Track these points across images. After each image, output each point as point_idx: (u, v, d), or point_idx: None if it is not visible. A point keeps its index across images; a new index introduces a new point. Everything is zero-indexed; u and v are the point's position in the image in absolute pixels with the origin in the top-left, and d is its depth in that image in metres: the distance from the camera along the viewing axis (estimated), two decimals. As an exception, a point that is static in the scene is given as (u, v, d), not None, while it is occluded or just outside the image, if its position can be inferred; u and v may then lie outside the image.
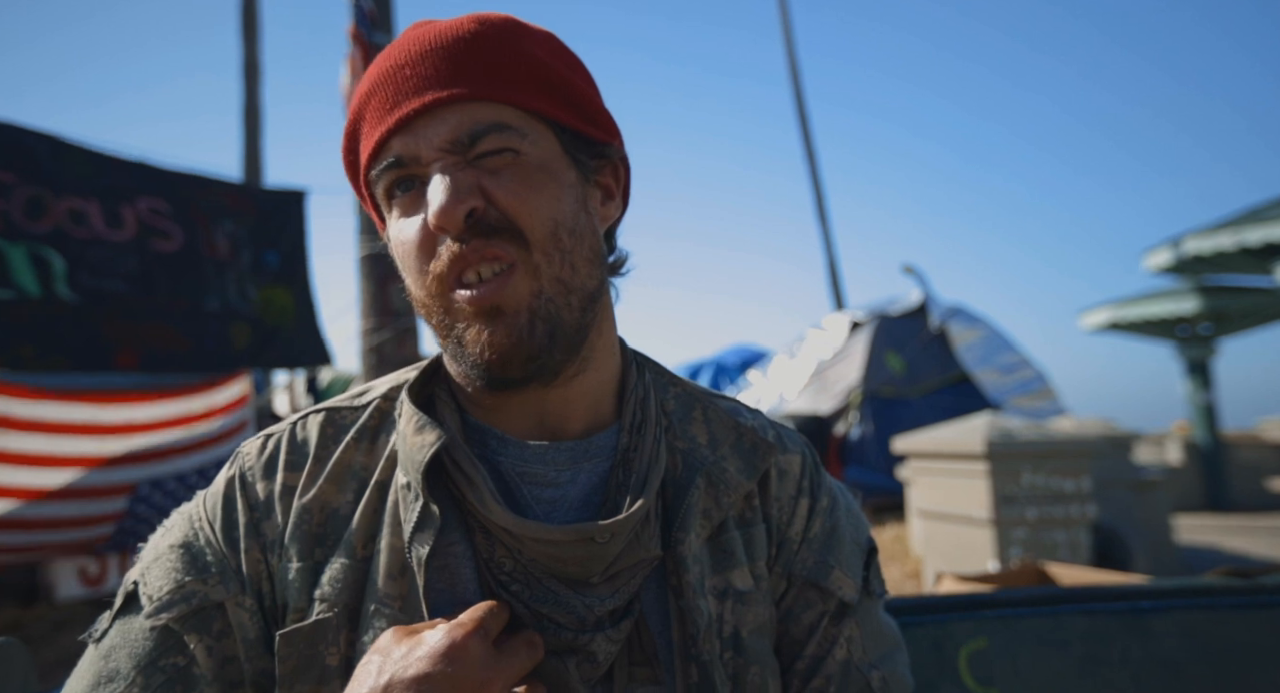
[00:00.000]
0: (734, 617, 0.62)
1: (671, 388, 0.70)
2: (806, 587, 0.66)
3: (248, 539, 0.59)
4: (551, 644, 0.56)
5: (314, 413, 0.65)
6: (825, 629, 0.65)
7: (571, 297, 0.58)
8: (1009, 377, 7.88)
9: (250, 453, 0.64)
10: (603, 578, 0.58)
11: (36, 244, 3.87)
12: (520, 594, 0.56)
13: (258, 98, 7.70)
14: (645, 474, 0.61)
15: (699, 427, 0.67)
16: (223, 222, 4.77)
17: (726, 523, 0.64)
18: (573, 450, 0.62)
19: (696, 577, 0.60)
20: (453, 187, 0.54)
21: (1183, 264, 8.12)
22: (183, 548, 0.60)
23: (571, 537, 0.55)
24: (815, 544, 0.67)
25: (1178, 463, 8.20)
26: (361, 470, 0.62)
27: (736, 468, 0.65)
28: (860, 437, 7.23)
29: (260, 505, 0.61)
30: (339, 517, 0.60)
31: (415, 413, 0.61)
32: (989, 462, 3.76)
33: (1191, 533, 6.39)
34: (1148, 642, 1.12)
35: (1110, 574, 1.89)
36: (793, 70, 12.68)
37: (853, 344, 8.14)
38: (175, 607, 0.57)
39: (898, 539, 5.58)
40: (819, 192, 12.56)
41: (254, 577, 0.59)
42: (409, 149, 0.57)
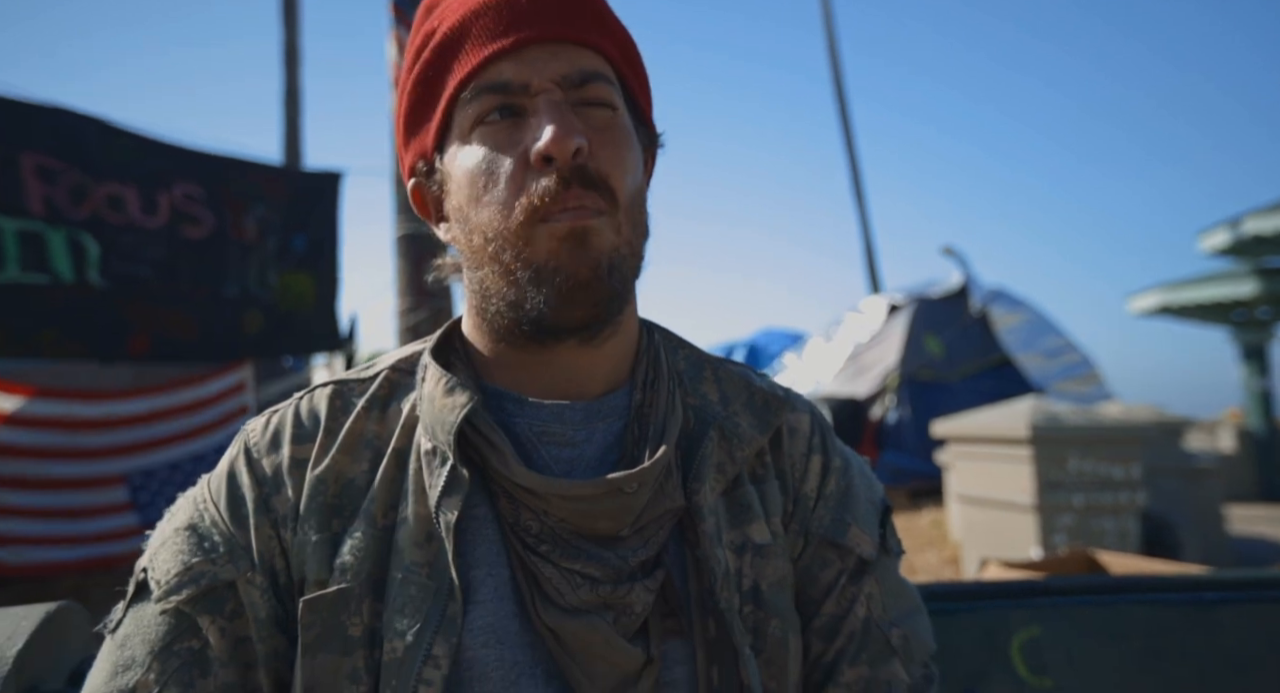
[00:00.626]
0: (753, 571, 0.61)
1: (680, 350, 0.71)
2: (824, 545, 0.65)
3: (257, 516, 0.58)
4: (587, 601, 0.55)
5: (320, 387, 0.65)
6: (844, 587, 0.65)
7: (635, 261, 0.60)
8: (1053, 361, 7.67)
9: (255, 430, 0.63)
10: (632, 530, 0.57)
11: (75, 229, 3.97)
12: (550, 554, 0.56)
13: (298, 82, 7.79)
14: (663, 425, 0.61)
15: (710, 386, 0.68)
16: (255, 206, 4.84)
17: (741, 477, 0.64)
18: (587, 410, 0.62)
19: (712, 528, 0.60)
20: (566, 119, 0.54)
21: (1241, 245, 7.78)
22: (188, 530, 0.59)
23: (601, 490, 0.55)
24: (831, 502, 0.67)
25: (1230, 451, 7.92)
26: (375, 439, 0.61)
27: (749, 423, 0.65)
28: (897, 421, 7.12)
29: (268, 481, 0.60)
30: (355, 487, 0.59)
31: (444, 375, 0.61)
32: (1033, 447, 3.66)
33: (1244, 524, 6.18)
34: (1213, 635, 1.07)
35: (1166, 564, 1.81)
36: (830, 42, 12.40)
37: (890, 327, 8.00)
38: (184, 589, 0.56)
39: (935, 525, 5.49)
40: (855, 168, 12.30)
41: (265, 553, 0.58)
42: (521, 75, 0.56)
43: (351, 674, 0.54)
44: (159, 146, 4.45)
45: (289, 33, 7.74)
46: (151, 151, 4.40)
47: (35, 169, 3.87)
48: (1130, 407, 5.49)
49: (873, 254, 12.15)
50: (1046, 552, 3.57)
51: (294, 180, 5.30)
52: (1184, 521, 4.31)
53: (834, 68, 12.43)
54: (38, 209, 3.86)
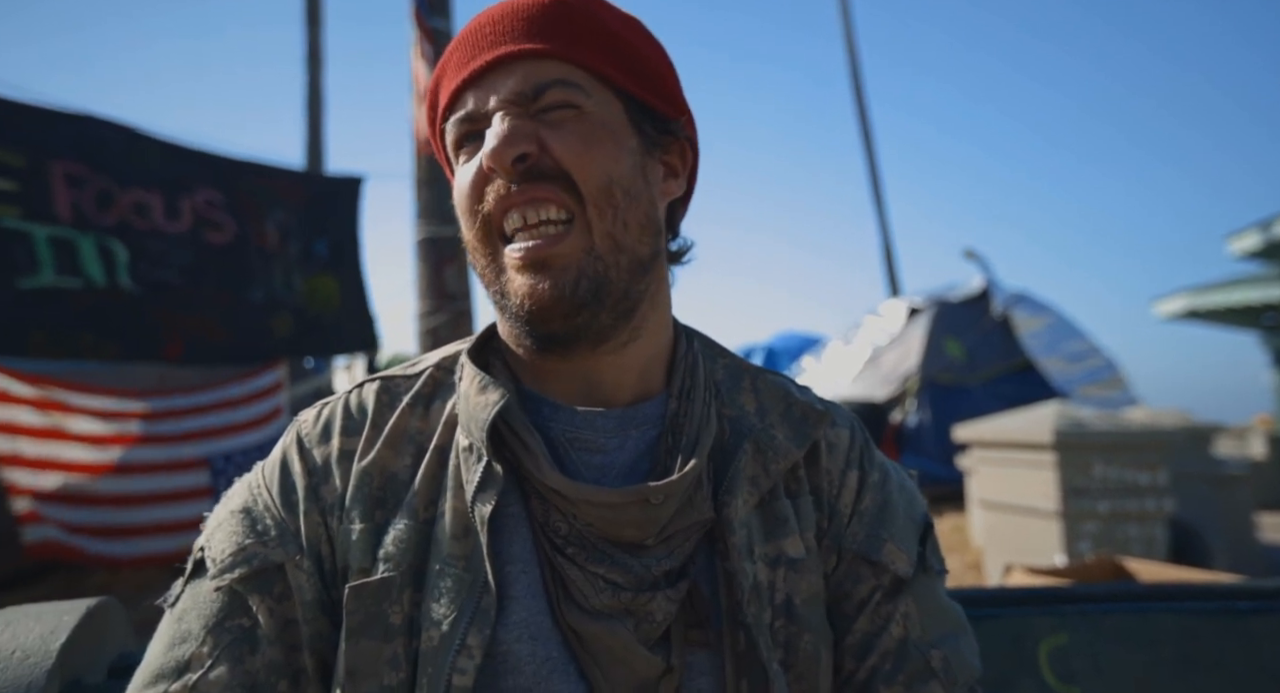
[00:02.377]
0: (786, 585, 0.61)
1: (720, 359, 0.70)
2: (857, 561, 0.65)
3: (306, 503, 0.60)
4: (610, 605, 0.56)
5: (369, 382, 0.67)
6: (878, 605, 0.64)
7: (621, 255, 0.59)
8: (1076, 365, 7.56)
9: (306, 421, 0.65)
10: (657, 540, 0.58)
11: (104, 234, 4.05)
12: (576, 557, 0.57)
13: (320, 84, 7.89)
14: (695, 437, 0.61)
15: (747, 396, 0.68)
16: (274, 211, 4.91)
17: (776, 491, 0.64)
18: (620, 418, 0.62)
19: (743, 541, 0.60)
20: (508, 130, 0.57)
21: (1273, 248, 7.63)
22: (243, 513, 0.61)
23: (628, 499, 0.56)
24: (866, 518, 0.66)
25: (1261, 458, 7.75)
26: (418, 435, 0.63)
27: (785, 436, 0.65)
28: (917, 425, 7.06)
29: (318, 470, 0.62)
30: (398, 481, 0.61)
31: (478, 374, 0.62)
32: (1057, 452, 3.61)
33: (1276, 532, 6.04)
34: (1246, 646, 1.05)
35: (1195, 572, 1.78)
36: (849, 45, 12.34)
37: (910, 331, 7.93)
38: (237, 568, 0.58)
39: (957, 530, 5.44)
40: (874, 170, 12.23)
41: (313, 539, 0.60)
42: (479, 102, 0.59)
43: (391, 660, 0.56)
44: (181, 152, 4.53)
45: (312, 34, 7.86)
46: (174, 158, 4.48)
47: (64, 176, 3.96)
48: (1156, 412, 5.40)
49: (892, 257, 12.06)
50: (1071, 559, 3.52)
51: (313, 185, 5.36)
52: (1213, 528, 4.23)
53: (853, 71, 12.36)
54: (66, 215, 3.95)
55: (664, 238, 0.65)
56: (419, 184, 4.47)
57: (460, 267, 4.45)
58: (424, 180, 4.44)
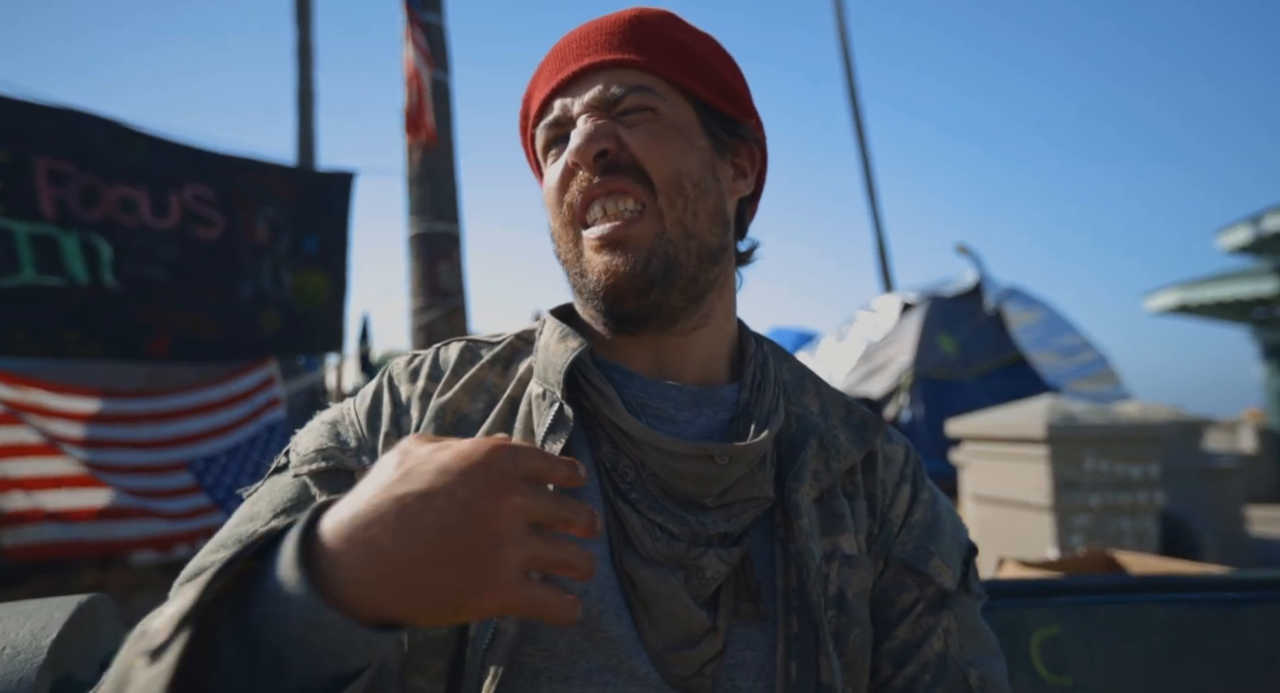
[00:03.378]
0: (840, 578, 0.63)
1: (786, 362, 0.75)
2: (903, 570, 0.67)
3: (389, 426, 0.65)
4: (664, 553, 0.58)
5: (455, 341, 0.73)
6: (920, 616, 0.66)
7: (691, 242, 0.64)
8: (1068, 360, 7.59)
9: (398, 364, 0.71)
10: (716, 503, 0.60)
11: (88, 231, 4.01)
12: (638, 503, 0.60)
13: (311, 80, 7.85)
14: (766, 418, 0.65)
15: (811, 398, 0.72)
16: (265, 207, 4.87)
17: (835, 489, 0.67)
18: (695, 395, 0.66)
19: (809, 525, 0.62)
20: (591, 129, 0.63)
21: (1262, 242, 7.68)
22: (330, 424, 0.67)
23: (694, 451, 0.59)
24: (916, 531, 0.69)
25: (1251, 451, 7.82)
26: (493, 387, 0.68)
27: (847, 438, 0.69)
28: (911, 419, 7.08)
29: (402, 404, 0.67)
30: (469, 421, 0.65)
31: (559, 325, 0.68)
32: (1050, 446, 3.63)
33: (1265, 525, 6.10)
34: (1236, 635, 1.06)
35: (1186, 564, 1.80)
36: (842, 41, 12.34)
37: (904, 326, 7.95)
38: (314, 463, 0.63)
39: (949, 524, 5.45)
40: (867, 166, 12.24)
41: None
42: (565, 109, 0.66)
43: None
44: (170, 147, 4.47)
45: (302, 30, 7.80)
46: (162, 152, 4.42)
47: (47, 172, 3.92)
48: (1147, 406, 5.43)
49: (885, 253, 12.09)
50: (1063, 552, 3.54)
51: (304, 181, 5.32)
52: (1203, 521, 4.27)
53: (846, 66, 12.36)
54: (50, 212, 3.90)
55: (732, 233, 0.71)
56: (411, 180, 4.45)
57: (454, 263, 4.43)
58: (416, 177, 4.42)
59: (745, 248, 0.75)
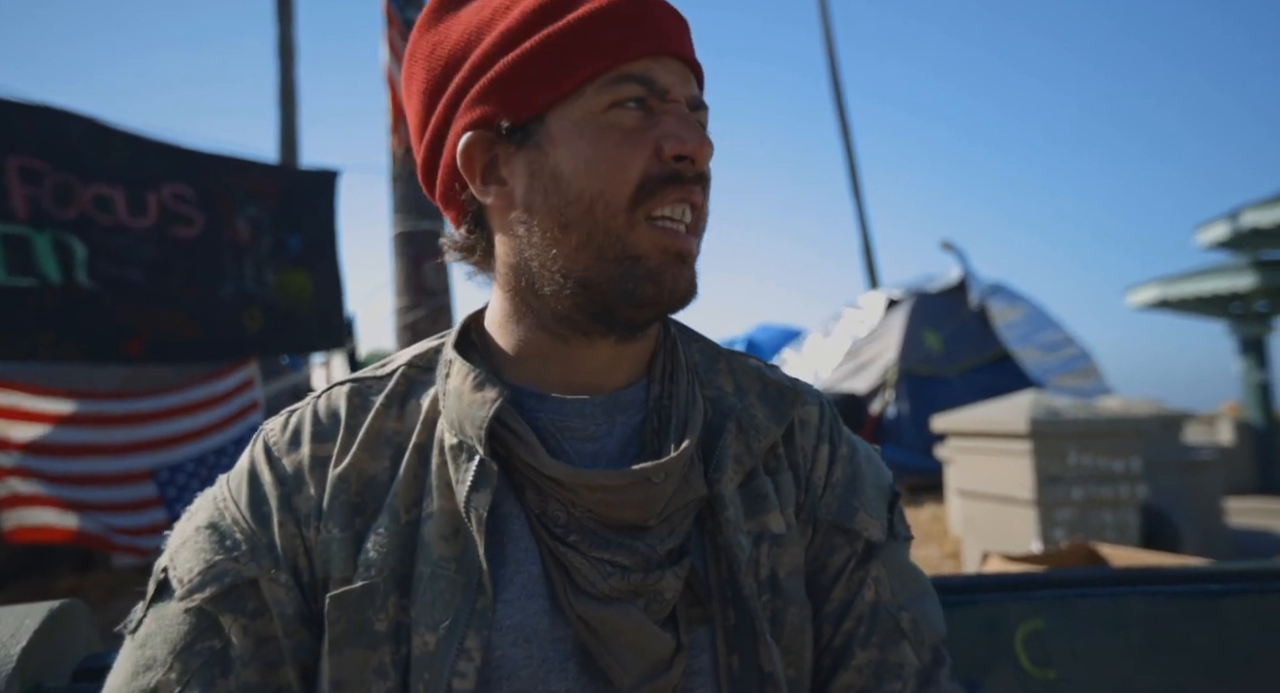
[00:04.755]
0: (770, 559, 0.62)
1: (695, 342, 0.71)
2: (832, 531, 0.66)
3: (280, 513, 0.58)
4: (619, 589, 0.56)
5: (338, 386, 0.65)
6: (852, 572, 0.66)
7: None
8: (1052, 355, 7.68)
9: (274, 429, 0.63)
10: (659, 520, 0.58)
11: (61, 231, 3.92)
12: (579, 544, 0.56)
13: (293, 78, 7.76)
14: (685, 417, 0.62)
15: (725, 377, 0.69)
16: (246, 206, 4.79)
17: (756, 469, 0.65)
18: (606, 404, 0.63)
19: (735, 516, 0.61)
20: (703, 131, 0.60)
21: (1239, 238, 7.78)
22: (210, 529, 0.59)
23: (630, 480, 0.56)
24: (839, 489, 0.68)
25: (1229, 444, 7.93)
26: (395, 436, 0.62)
27: (764, 415, 0.66)
28: (897, 415, 7.13)
29: (290, 479, 0.60)
30: (377, 484, 0.60)
31: (472, 370, 0.61)
32: (1033, 441, 3.67)
33: (1243, 516, 6.20)
34: (1218, 627, 1.07)
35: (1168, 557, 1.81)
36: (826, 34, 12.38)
37: (889, 322, 8.00)
38: (208, 587, 0.56)
39: (935, 519, 5.50)
40: (852, 161, 12.29)
41: (289, 551, 0.58)
42: (664, 78, 0.59)
43: (379, 669, 0.54)
44: (148, 145, 4.39)
45: (284, 28, 7.72)
46: (140, 150, 4.34)
47: (19, 171, 3.83)
48: (1129, 400, 5.50)
49: (870, 249, 12.15)
50: (1046, 545, 3.57)
51: (287, 179, 5.25)
52: (1183, 514, 4.32)
53: (830, 60, 12.41)
54: (22, 212, 3.82)
55: None
56: (395, 178, 4.41)
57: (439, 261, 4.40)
58: (400, 175, 4.39)
59: None
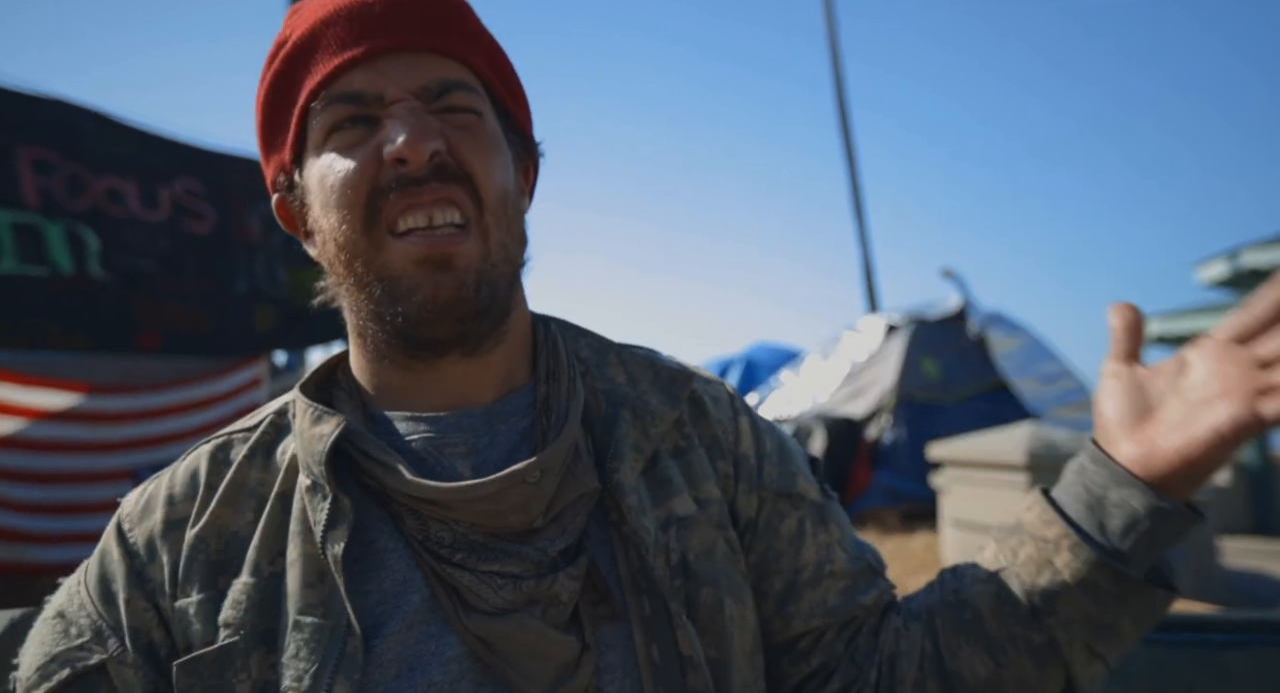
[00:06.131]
0: (679, 544, 0.61)
1: (582, 338, 0.70)
2: (779, 498, 0.68)
3: (128, 590, 0.57)
4: (512, 600, 0.54)
5: (205, 443, 0.64)
6: (815, 535, 0.68)
7: (508, 266, 0.60)
8: (1049, 387, 7.66)
9: (128, 501, 0.62)
10: (546, 520, 0.57)
11: (74, 222, 3.93)
12: (466, 562, 0.55)
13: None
14: (565, 412, 0.61)
15: (616, 369, 0.68)
16: (257, 203, 4.81)
17: (659, 455, 0.64)
18: (486, 414, 0.61)
19: (636, 502, 0.60)
20: (423, 124, 0.54)
21: (1239, 277, 7.81)
22: (57, 618, 0.58)
23: (504, 485, 0.54)
24: (774, 458, 0.70)
25: (1224, 483, 7.90)
26: (259, 487, 0.60)
27: (659, 400, 0.66)
28: (893, 441, 7.10)
29: (141, 551, 0.58)
30: (239, 539, 0.58)
31: (310, 406, 0.59)
32: (1030, 473, 3.64)
33: (1238, 557, 6.15)
34: (1221, 680, 1.04)
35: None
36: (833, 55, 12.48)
37: (888, 347, 7.99)
38: (44, 684, 0.54)
39: (929, 548, 5.46)
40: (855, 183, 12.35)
41: (139, 628, 0.56)
42: (374, 85, 0.56)
43: None
44: (159, 141, 4.42)
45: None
46: (151, 146, 4.36)
47: (31, 162, 3.84)
48: (1126, 436, 5.47)
49: (871, 271, 12.18)
50: (1040, 580, 3.54)
51: None
52: (1176, 553, 4.29)
53: (837, 86, 12.51)
54: (34, 201, 3.83)
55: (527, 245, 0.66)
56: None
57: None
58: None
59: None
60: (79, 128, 4.08)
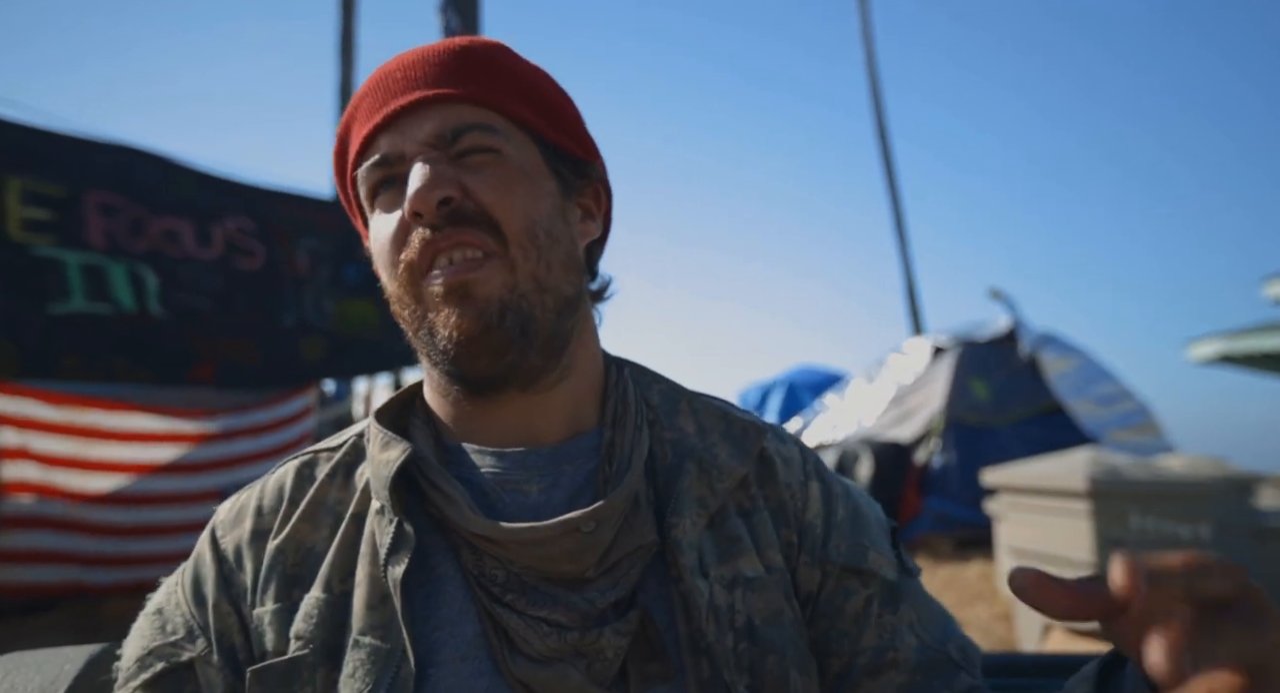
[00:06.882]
0: (745, 606, 0.59)
1: (655, 384, 0.69)
2: (846, 573, 0.64)
3: (216, 593, 0.59)
4: (556, 649, 0.53)
5: (292, 460, 0.66)
6: (880, 617, 0.63)
7: (546, 296, 0.59)
8: (1107, 409, 7.38)
9: (223, 509, 0.65)
10: (599, 571, 0.56)
11: (135, 261, 4.15)
12: (515, 604, 0.55)
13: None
14: (628, 461, 0.60)
15: (686, 418, 0.67)
16: (304, 238, 5.02)
17: (726, 510, 0.62)
18: (552, 455, 0.61)
19: (693, 562, 0.58)
20: (431, 174, 0.56)
21: (1310, 292, 7.45)
22: (155, 614, 0.61)
23: (556, 531, 0.54)
24: (844, 529, 0.66)
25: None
26: (337, 505, 0.62)
27: (728, 454, 0.64)
28: (942, 466, 6.90)
29: (230, 557, 0.61)
30: (314, 555, 0.60)
31: (381, 432, 0.61)
32: (1092, 501, 3.49)
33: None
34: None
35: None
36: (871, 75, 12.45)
37: (935, 370, 7.81)
38: (141, 674, 0.57)
39: (984, 577, 5.26)
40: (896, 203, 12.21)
41: (223, 631, 0.58)
42: (394, 146, 0.59)
43: None
44: (213, 181, 4.67)
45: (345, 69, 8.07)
46: (206, 186, 4.62)
47: (98, 206, 4.08)
48: (1193, 459, 5.22)
49: (914, 292, 11.98)
50: (1107, 614, 3.37)
51: (345, 213, 5.46)
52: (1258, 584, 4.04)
53: (875, 103, 12.46)
54: (99, 243, 4.06)
55: (585, 276, 0.65)
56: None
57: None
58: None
59: (598, 285, 0.70)
60: (141, 172, 4.33)
